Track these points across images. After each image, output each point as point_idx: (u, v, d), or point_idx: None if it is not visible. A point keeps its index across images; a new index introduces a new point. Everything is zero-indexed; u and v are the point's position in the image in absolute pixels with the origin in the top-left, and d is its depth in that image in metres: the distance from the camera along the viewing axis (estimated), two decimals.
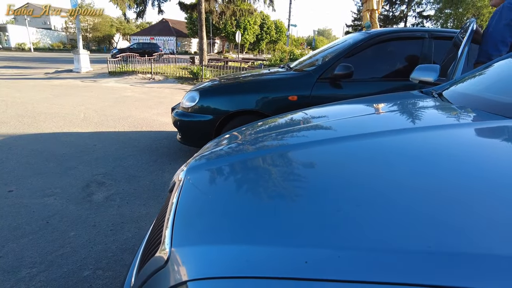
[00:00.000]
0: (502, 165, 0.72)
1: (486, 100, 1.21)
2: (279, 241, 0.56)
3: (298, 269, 0.48)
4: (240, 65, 12.45)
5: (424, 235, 0.51)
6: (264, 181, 0.82)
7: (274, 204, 0.70)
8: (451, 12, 24.74)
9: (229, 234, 0.63)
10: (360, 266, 0.47)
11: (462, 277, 0.43)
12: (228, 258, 0.55)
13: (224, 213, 0.71)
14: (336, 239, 0.54)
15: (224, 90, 3.26)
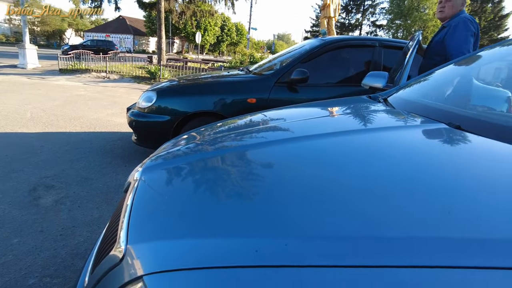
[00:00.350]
0: (430, 164, 0.81)
1: (423, 105, 1.33)
2: (232, 233, 0.59)
3: (249, 257, 0.52)
4: (200, 66, 12.34)
5: (356, 223, 0.58)
6: (219, 179, 0.85)
7: (227, 200, 0.74)
8: (401, 23, 26.40)
9: (184, 229, 0.65)
10: (304, 251, 0.51)
11: (385, 256, 0.49)
12: (183, 251, 0.57)
13: (179, 210, 0.73)
14: (283, 230, 0.58)
15: (182, 91, 3.24)
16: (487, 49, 1.70)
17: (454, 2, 2.61)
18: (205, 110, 3.08)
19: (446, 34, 2.56)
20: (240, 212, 0.67)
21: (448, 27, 2.58)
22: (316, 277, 0.47)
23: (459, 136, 0.96)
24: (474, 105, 1.44)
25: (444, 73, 1.68)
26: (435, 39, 2.70)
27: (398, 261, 0.47)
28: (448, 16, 2.64)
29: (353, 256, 0.49)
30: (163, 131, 3.09)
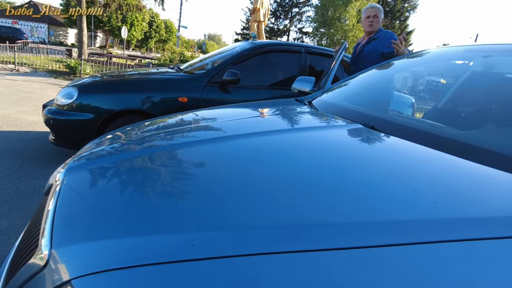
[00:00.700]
0: (347, 159, 0.92)
1: (343, 108, 1.47)
2: (166, 230, 0.60)
3: (185, 252, 0.53)
4: (125, 62, 11.68)
5: (284, 213, 0.63)
6: (148, 179, 0.84)
7: (158, 198, 0.73)
8: (325, 32, 28.25)
9: (114, 229, 0.63)
10: (239, 241, 0.55)
11: (311, 241, 0.55)
12: (114, 251, 0.56)
13: (108, 211, 0.70)
14: (218, 223, 0.61)
15: (107, 87, 3.05)
16: (398, 59, 1.93)
17: (379, 18, 3.07)
18: (132, 108, 2.94)
19: (378, 45, 2.97)
20: (173, 209, 0.67)
21: (378, 39, 2.99)
22: (253, 265, 0.50)
23: (373, 135, 1.09)
24: (386, 109, 1.63)
25: (362, 79, 1.86)
26: (368, 49, 3.04)
27: (324, 244, 0.53)
28: (376, 29, 3.07)
29: (283, 243, 0.54)
30: (86, 130, 2.88)
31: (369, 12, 3.09)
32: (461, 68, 1.58)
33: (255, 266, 0.50)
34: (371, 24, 3.06)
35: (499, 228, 0.57)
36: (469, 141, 0.97)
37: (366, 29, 3.14)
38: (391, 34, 3.00)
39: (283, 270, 0.50)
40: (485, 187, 0.75)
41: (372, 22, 3.06)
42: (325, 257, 0.52)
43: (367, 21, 3.10)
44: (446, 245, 0.53)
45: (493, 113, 1.19)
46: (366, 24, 3.11)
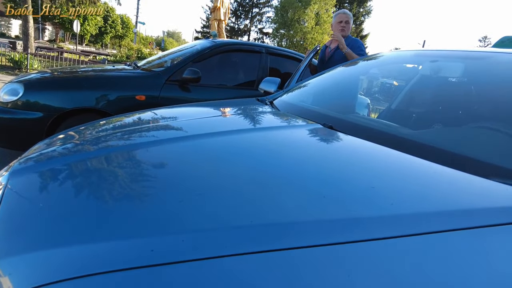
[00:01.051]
0: (307, 158, 0.94)
1: (303, 108, 1.51)
2: (124, 235, 0.57)
3: (145, 257, 0.51)
4: (79, 58, 11.05)
5: (247, 213, 0.63)
6: (104, 181, 0.79)
7: (115, 202, 0.70)
8: (284, 33, 28.71)
9: (66, 236, 0.59)
10: (201, 245, 0.53)
11: (274, 241, 0.55)
12: (67, 260, 0.52)
13: (59, 217, 0.66)
14: (179, 226, 0.59)
15: (58, 84, 2.86)
16: (354, 62, 2.01)
17: (350, 25, 3.23)
18: (86, 106, 2.78)
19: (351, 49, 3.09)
20: (131, 213, 0.64)
21: (349, 46, 3.09)
22: (216, 269, 0.49)
23: (331, 135, 1.12)
24: (344, 109, 1.69)
25: (321, 80, 1.92)
26: (340, 54, 3.13)
27: (287, 243, 0.53)
28: (347, 35, 3.19)
29: (247, 243, 0.53)
30: (34, 130, 2.68)
31: (341, 18, 3.19)
32: (412, 71, 1.68)
33: (218, 269, 0.49)
34: (343, 29, 3.16)
35: (451, 221, 0.61)
36: (420, 140, 1.03)
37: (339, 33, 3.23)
38: (360, 43, 3.15)
39: (247, 272, 0.49)
40: (436, 183, 0.80)
41: (344, 27, 3.17)
42: (289, 256, 0.52)
43: (339, 25, 3.18)
44: (404, 239, 0.55)
45: (441, 114, 1.28)
46: (337, 29, 3.19)
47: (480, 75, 1.36)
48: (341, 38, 3.04)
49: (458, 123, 1.19)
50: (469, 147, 1.00)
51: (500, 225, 0.61)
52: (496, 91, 1.22)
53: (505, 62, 1.36)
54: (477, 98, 1.26)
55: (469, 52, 1.57)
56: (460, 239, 0.58)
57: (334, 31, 3.25)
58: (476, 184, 0.77)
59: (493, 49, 1.69)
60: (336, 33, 3.11)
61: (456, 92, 1.38)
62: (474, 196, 0.74)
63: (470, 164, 0.85)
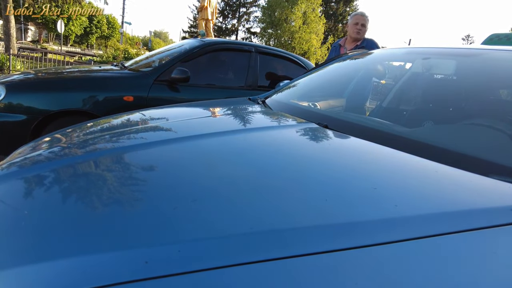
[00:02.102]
0: (303, 158, 0.91)
1: (297, 107, 1.48)
2: (115, 246, 0.53)
3: (139, 270, 0.47)
4: (64, 59, 10.81)
5: (246, 220, 0.59)
6: (94, 187, 0.75)
7: (105, 209, 0.66)
8: (272, 32, 28.72)
9: (55, 248, 0.55)
10: (200, 255, 0.50)
11: (277, 248, 0.51)
12: (55, 274, 0.48)
13: (46, 227, 0.61)
14: (174, 235, 0.55)
15: (42, 85, 2.77)
16: (346, 59, 2.00)
17: (366, 28, 3.18)
18: (72, 108, 2.70)
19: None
20: (123, 222, 0.60)
21: (366, 48, 3.02)
22: (216, 280, 0.46)
23: (327, 134, 1.10)
24: (339, 108, 1.67)
25: (314, 79, 1.90)
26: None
27: (292, 251, 0.50)
28: (362, 37, 3.18)
29: (247, 252, 0.50)
30: (17, 134, 2.58)
31: (358, 19, 3.16)
32: (405, 69, 1.67)
33: (219, 280, 0.46)
34: (359, 32, 3.15)
35: (459, 222, 0.59)
36: (418, 138, 1.02)
37: (352, 35, 3.20)
38: (374, 43, 3.14)
39: (249, 282, 0.46)
40: (437, 182, 0.78)
41: (360, 30, 3.15)
42: (292, 264, 0.49)
43: (355, 27, 3.15)
44: (412, 243, 0.53)
45: (438, 111, 1.27)
46: (353, 31, 3.17)
47: (476, 71, 1.36)
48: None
49: (457, 120, 1.18)
50: (466, 144, 0.99)
51: (507, 225, 0.59)
52: (489, 87, 1.22)
53: (496, 59, 1.37)
54: (474, 95, 1.26)
55: (461, 49, 1.57)
56: (469, 241, 0.56)
57: (349, 32, 3.23)
58: (480, 183, 0.76)
59: (484, 46, 1.70)
60: None
61: (452, 89, 1.38)
62: (480, 195, 0.72)
63: (470, 162, 0.84)
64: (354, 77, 1.87)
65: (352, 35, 3.22)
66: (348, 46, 3.22)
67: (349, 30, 3.23)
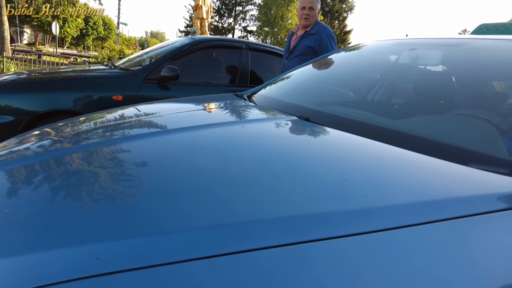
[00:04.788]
0: (284, 150, 0.89)
1: (280, 102, 1.46)
2: (66, 243, 0.51)
3: (89, 266, 0.45)
4: (59, 61, 10.77)
5: (205, 213, 0.57)
6: (54, 181, 0.73)
7: (60, 204, 0.64)
8: (268, 30, 28.69)
9: (8, 246, 0.53)
10: (151, 250, 0.48)
11: (235, 242, 0.49)
12: (11, 271, 0.46)
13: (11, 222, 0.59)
14: (126, 230, 0.53)
15: (32, 86, 2.74)
16: (334, 53, 1.97)
17: (316, 11, 2.85)
18: (61, 108, 2.67)
19: (316, 41, 2.80)
20: (74, 217, 0.58)
21: (316, 35, 2.81)
22: (169, 276, 0.44)
23: (307, 127, 1.08)
24: (321, 102, 1.65)
25: (299, 74, 1.87)
26: (303, 43, 2.86)
27: (250, 244, 0.48)
28: (311, 23, 2.86)
29: (203, 247, 0.48)
30: (4, 135, 2.55)
31: (304, 3, 2.81)
32: (389, 60, 1.65)
33: (173, 276, 0.44)
34: (307, 18, 2.82)
35: (429, 212, 0.56)
36: (398, 128, 1.00)
37: (301, 21, 2.89)
38: (328, 32, 2.84)
39: (205, 278, 0.44)
40: (412, 172, 0.76)
41: (308, 15, 2.81)
42: (253, 257, 0.47)
43: (302, 13, 2.84)
44: (378, 234, 0.51)
45: (419, 102, 1.25)
46: (301, 17, 2.86)
47: (460, 60, 1.34)
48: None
49: (436, 111, 1.15)
50: (447, 134, 0.96)
51: (481, 214, 0.57)
52: (477, 75, 1.19)
53: (483, 48, 1.34)
54: (458, 85, 1.23)
55: (448, 39, 1.54)
56: (440, 231, 0.54)
57: (298, 18, 2.90)
58: (455, 172, 0.74)
59: (471, 36, 1.67)
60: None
61: (435, 78, 1.36)
62: (453, 184, 0.70)
63: (447, 151, 0.81)
64: (341, 71, 1.85)
65: (300, 22, 2.90)
66: (298, 33, 2.93)
67: (298, 15, 2.91)
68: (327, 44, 2.79)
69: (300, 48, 2.89)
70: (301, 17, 2.87)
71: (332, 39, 2.84)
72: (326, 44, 2.79)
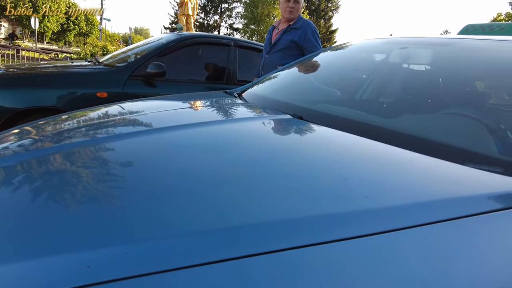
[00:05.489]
0: (277, 149, 0.87)
1: (272, 100, 1.44)
2: (55, 250, 0.47)
3: (80, 275, 0.42)
4: (39, 56, 10.45)
5: (205, 217, 0.54)
6: (43, 184, 0.68)
7: (53, 208, 0.59)
8: (255, 28, 28.61)
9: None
10: (148, 256, 0.45)
11: (235, 247, 0.47)
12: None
13: None
14: (122, 236, 0.50)
15: (11, 82, 2.63)
16: (323, 51, 1.96)
17: (300, 5, 2.80)
18: (42, 106, 2.58)
19: (301, 36, 2.73)
20: (64, 223, 0.54)
21: (300, 29, 2.74)
22: (167, 284, 0.41)
23: (301, 126, 1.05)
24: (312, 100, 1.63)
25: (290, 72, 1.86)
26: (286, 37, 2.78)
27: (251, 249, 0.46)
28: (296, 17, 2.79)
29: (205, 252, 0.45)
30: None
31: None
32: (380, 58, 1.65)
33: (169, 283, 0.41)
34: (291, 11, 2.74)
35: (431, 212, 0.55)
36: (393, 127, 0.99)
37: (284, 15, 2.81)
38: (313, 28, 2.78)
39: (203, 284, 0.41)
40: (412, 172, 0.75)
41: (293, 8, 2.74)
42: (254, 263, 0.44)
43: (286, 5, 2.75)
44: (383, 236, 0.49)
45: (412, 100, 1.25)
46: (285, 10, 2.76)
47: (448, 60, 1.34)
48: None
49: (434, 110, 1.15)
50: (442, 133, 0.96)
51: (482, 214, 0.56)
52: (466, 74, 1.20)
53: (473, 48, 1.35)
54: (448, 84, 1.24)
55: (437, 39, 1.56)
56: (441, 232, 0.53)
57: (281, 11, 2.81)
58: (454, 171, 0.73)
59: (459, 36, 1.69)
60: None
61: (426, 77, 1.36)
62: (453, 184, 0.69)
63: (445, 150, 0.81)
64: (333, 70, 1.84)
65: (284, 15, 2.82)
66: (280, 27, 2.86)
67: (281, 8, 2.82)
68: (312, 41, 2.74)
69: (283, 42, 2.81)
70: (285, 10, 2.78)
71: (316, 35, 2.79)
72: (311, 41, 2.74)
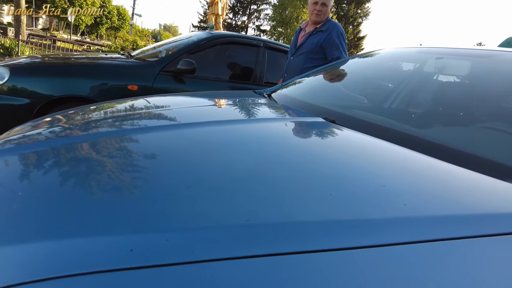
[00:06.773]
0: (310, 152, 0.87)
1: (303, 102, 1.44)
2: (101, 232, 0.49)
3: (123, 258, 0.44)
4: (72, 47, 10.84)
5: (243, 211, 0.55)
6: (91, 168, 0.71)
7: (95, 193, 0.62)
8: (282, 31, 28.60)
9: (40, 231, 0.51)
10: (190, 245, 0.46)
11: (274, 243, 0.47)
12: (40, 258, 0.44)
13: (32, 208, 0.58)
14: (164, 223, 0.51)
15: (48, 70, 2.74)
16: (356, 57, 1.95)
17: (328, 8, 2.69)
18: (76, 94, 2.68)
19: (326, 39, 2.65)
20: (110, 208, 0.56)
21: (326, 32, 2.66)
22: (207, 273, 0.42)
23: (335, 129, 1.05)
24: (343, 105, 1.62)
25: (318, 76, 1.85)
26: (312, 40, 2.71)
27: (290, 247, 0.46)
28: (323, 20, 2.70)
29: (243, 245, 0.46)
30: (19, 117, 2.56)
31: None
32: (415, 67, 1.62)
33: (210, 274, 0.42)
34: (318, 14, 2.65)
35: (470, 226, 0.54)
36: (428, 137, 0.97)
37: (311, 17, 2.73)
38: (338, 29, 2.68)
39: (242, 277, 0.42)
40: (450, 184, 0.74)
41: (320, 11, 2.64)
42: (289, 261, 0.45)
43: (313, 8, 2.66)
44: (421, 245, 0.49)
45: (450, 112, 1.22)
46: (312, 12, 2.68)
47: (488, 72, 1.30)
48: None
49: (472, 123, 1.12)
50: (481, 146, 0.94)
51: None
52: (509, 89, 1.16)
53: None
54: (488, 97, 1.20)
55: (476, 50, 1.51)
56: (480, 247, 0.52)
57: (309, 13, 2.74)
58: (495, 186, 0.71)
59: (500, 48, 1.64)
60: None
61: (467, 90, 1.32)
62: (494, 199, 0.67)
63: (485, 165, 0.79)
64: (366, 76, 1.82)
65: (311, 18, 2.73)
66: (307, 29, 2.78)
67: (309, 10, 2.74)
68: (335, 41, 2.64)
69: (307, 45, 2.73)
70: (312, 13, 2.70)
71: (342, 37, 2.69)
72: (334, 41, 2.64)
